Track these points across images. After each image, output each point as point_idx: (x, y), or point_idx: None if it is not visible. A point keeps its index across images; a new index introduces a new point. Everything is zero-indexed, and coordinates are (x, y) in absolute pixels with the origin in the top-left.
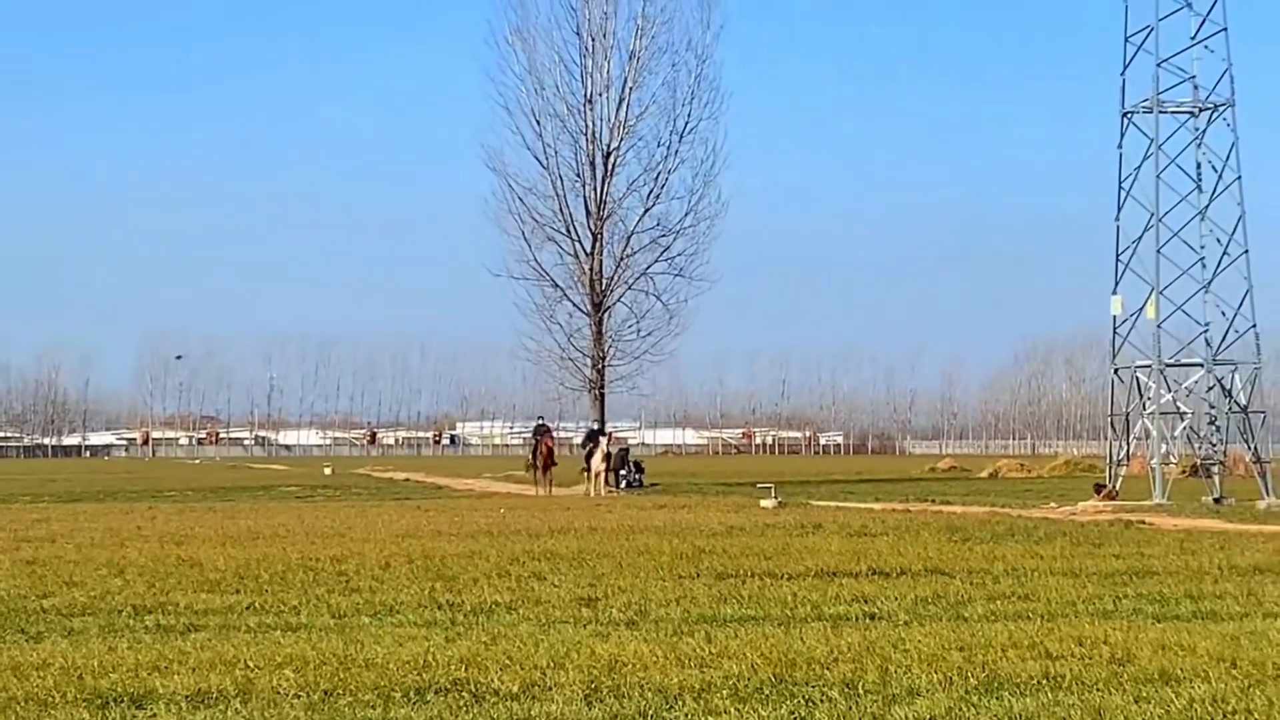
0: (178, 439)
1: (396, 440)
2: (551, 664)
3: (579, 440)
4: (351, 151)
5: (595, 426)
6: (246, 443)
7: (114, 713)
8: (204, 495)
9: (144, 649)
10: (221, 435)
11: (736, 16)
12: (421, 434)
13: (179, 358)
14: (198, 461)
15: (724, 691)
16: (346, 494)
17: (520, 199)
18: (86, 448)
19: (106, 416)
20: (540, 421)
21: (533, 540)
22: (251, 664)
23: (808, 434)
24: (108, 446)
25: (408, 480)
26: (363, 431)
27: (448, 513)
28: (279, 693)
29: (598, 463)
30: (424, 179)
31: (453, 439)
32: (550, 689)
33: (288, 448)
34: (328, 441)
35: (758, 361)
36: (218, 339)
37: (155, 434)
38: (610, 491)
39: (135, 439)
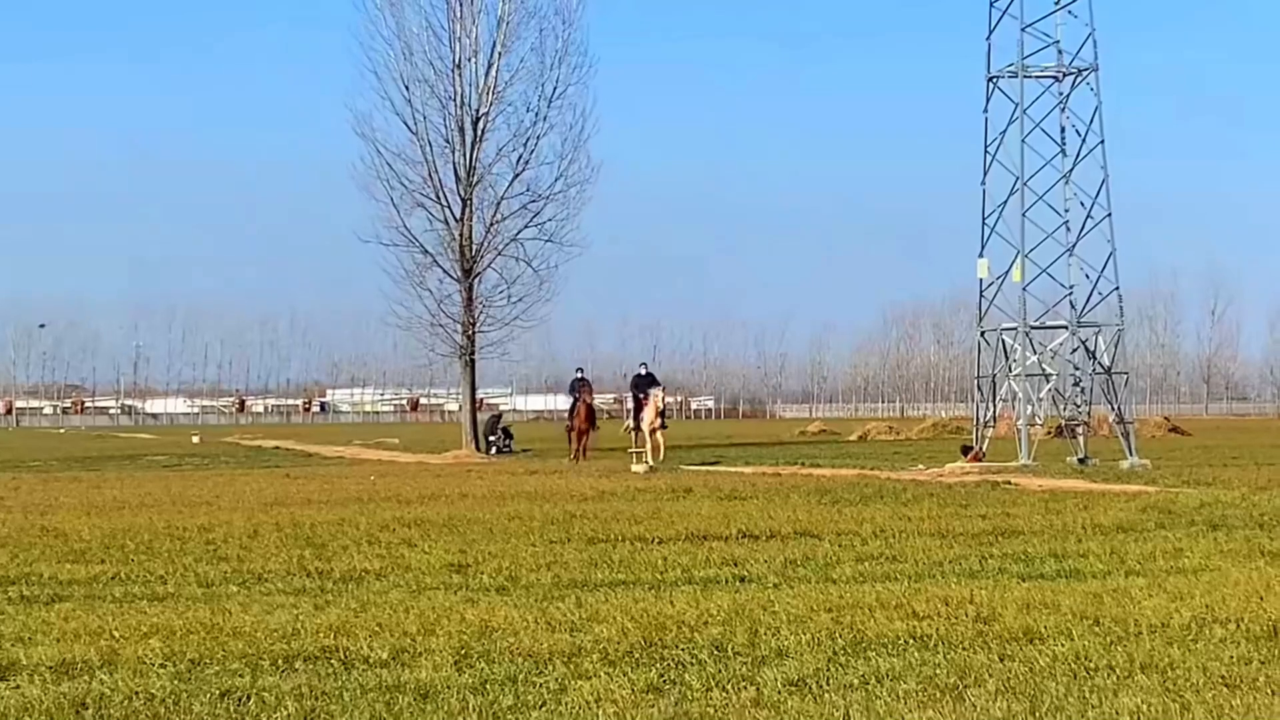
0: (42, 408)
1: (266, 408)
2: (421, 630)
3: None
4: (218, 117)
5: (580, 375)
6: (112, 411)
7: None
8: (69, 465)
9: (7, 620)
10: (87, 404)
11: None
12: (291, 401)
13: (42, 326)
14: (63, 431)
15: (594, 655)
16: (214, 462)
17: (389, 165)
18: None
19: None
20: (580, 374)
21: (403, 507)
22: (117, 634)
23: (679, 399)
24: None
25: (277, 448)
26: (231, 399)
27: (317, 480)
28: (145, 662)
29: (650, 418)
30: (292, 144)
31: (323, 406)
32: (420, 655)
33: (155, 416)
34: (195, 410)
35: (629, 327)
36: (82, 307)
37: (19, 403)
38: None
39: None
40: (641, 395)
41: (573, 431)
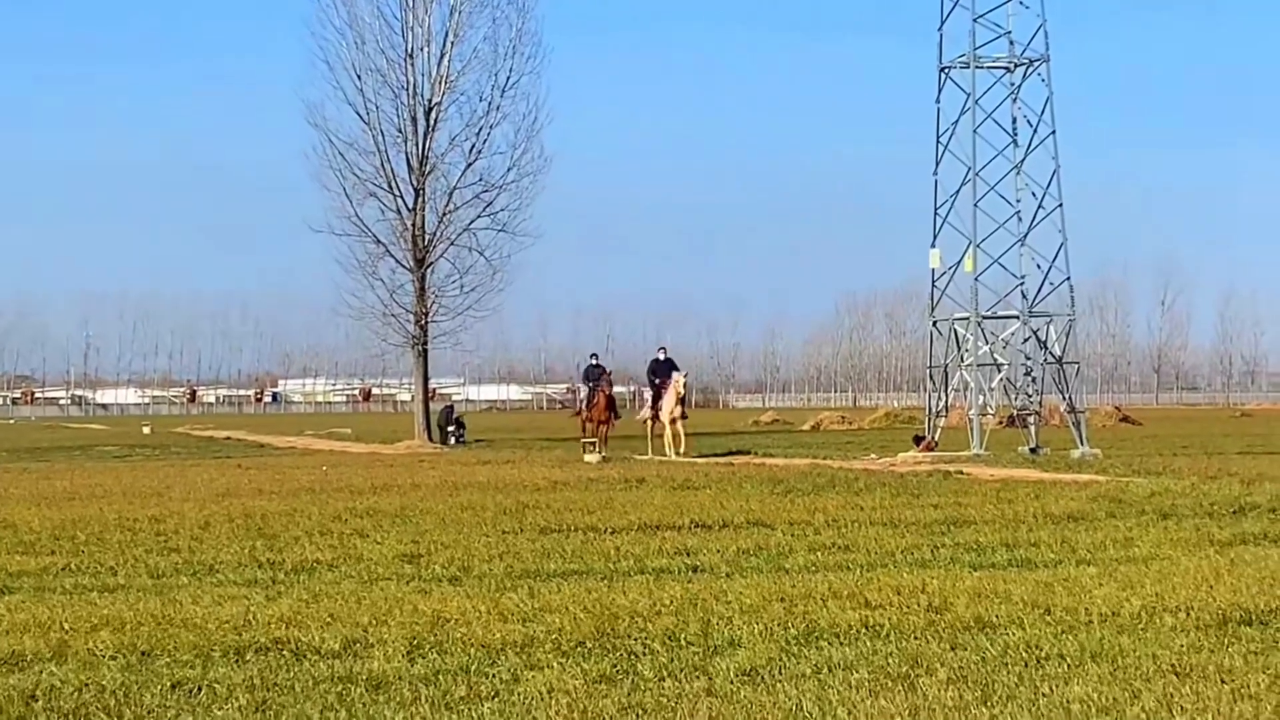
0: None
1: (217, 398)
2: (374, 621)
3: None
4: (169, 107)
5: (596, 362)
6: (63, 402)
7: None
8: (18, 455)
9: None
10: (37, 395)
11: None
12: (243, 392)
13: None
14: (12, 421)
15: (547, 646)
16: (166, 453)
17: (341, 154)
18: None
19: None
20: (594, 361)
21: (355, 498)
22: (67, 626)
23: (632, 390)
24: None
25: (228, 438)
26: (182, 390)
27: (269, 471)
28: (95, 654)
29: (670, 408)
30: (244, 134)
31: (275, 396)
32: (372, 646)
33: (105, 407)
34: (146, 400)
35: (582, 317)
36: (32, 298)
37: None
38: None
39: None
40: (659, 381)
41: (588, 422)
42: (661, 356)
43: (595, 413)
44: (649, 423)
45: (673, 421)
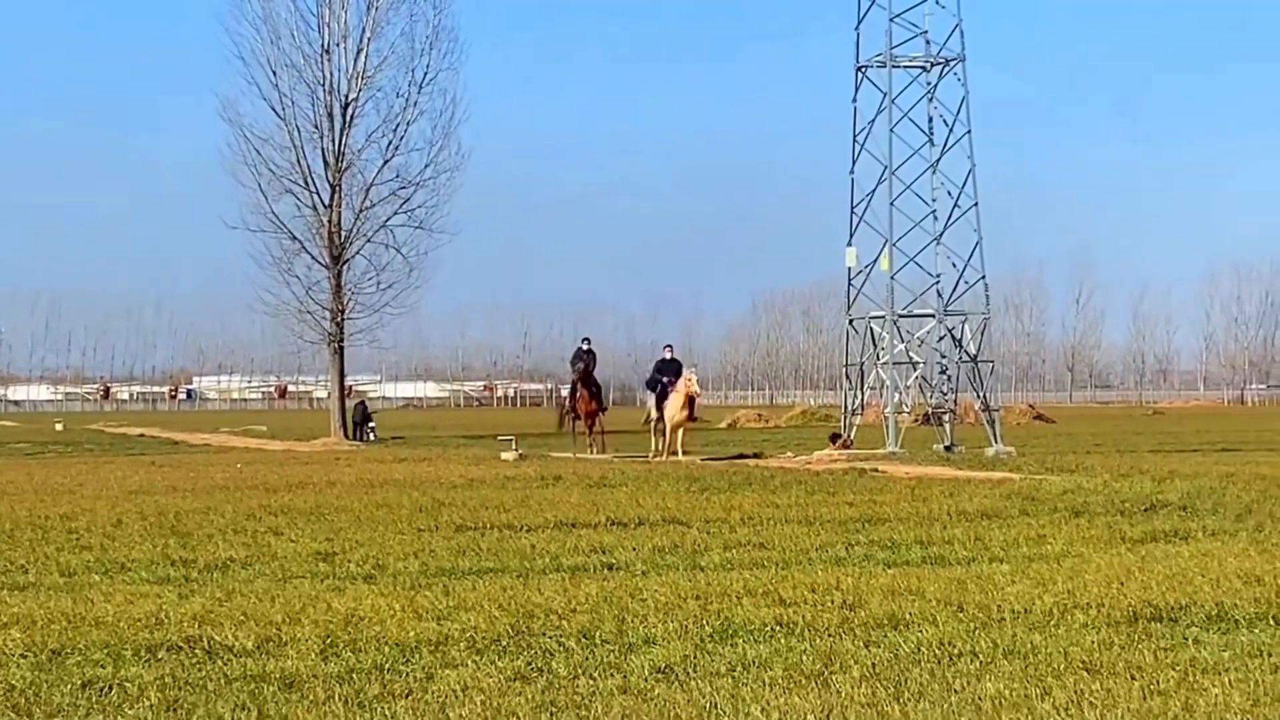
0: None
1: (131, 395)
2: (287, 619)
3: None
4: (81, 99)
5: (586, 345)
6: None
7: None
8: None
9: None
10: None
11: None
12: (157, 389)
13: None
14: None
15: (461, 644)
16: (78, 450)
17: (256, 150)
18: None
19: None
20: (586, 346)
21: (270, 495)
22: None
23: (549, 386)
24: None
25: (142, 436)
26: (96, 386)
27: (183, 468)
28: (4, 653)
29: (675, 411)
30: (157, 128)
31: (189, 394)
32: (286, 644)
33: (17, 403)
34: (59, 397)
35: (499, 314)
36: None
37: None
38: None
39: None
40: (667, 381)
41: (572, 415)
42: (668, 355)
43: (582, 404)
44: (652, 424)
45: (675, 426)
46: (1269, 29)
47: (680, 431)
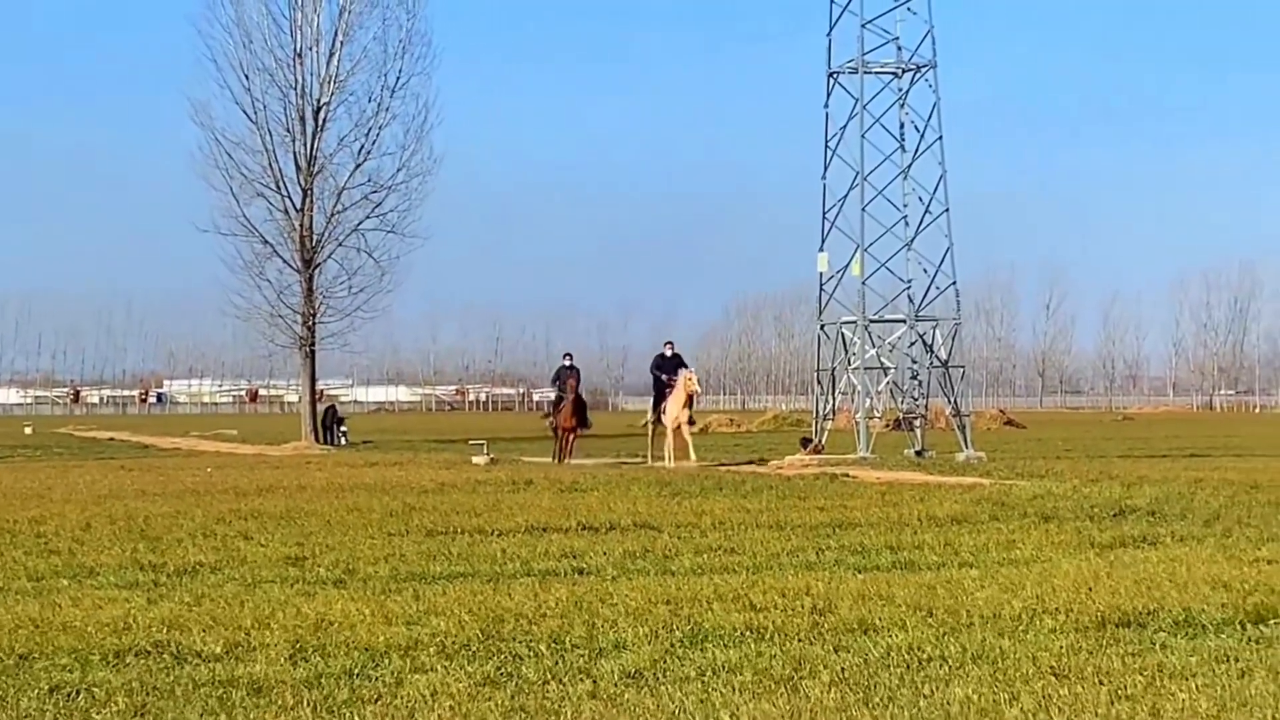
0: None
1: (101, 399)
2: (256, 624)
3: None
4: (54, 102)
5: (568, 361)
6: None
7: None
8: None
9: None
10: None
11: None
12: (127, 392)
13: None
14: None
15: (431, 649)
16: (47, 454)
17: (228, 154)
18: None
19: None
20: (567, 362)
21: (240, 499)
22: None
23: (521, 391)
24: None
25: (112, 439)
26: (66, 390)
27: (153, 472)
28: None
29: (676, 412)
30: (129, 131)
31: (159, 397)
32: (254, 649)
33: None
34: (29, 400)
35: (471, 318)
36: None
37: None
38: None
39: None
40: (666, 379)
41: (558, 429)
42: (668, 353)
43: (562, 418)
44: (651, 426)
45: (677, 428)
46: (1240, 34)
47: (684, 433)
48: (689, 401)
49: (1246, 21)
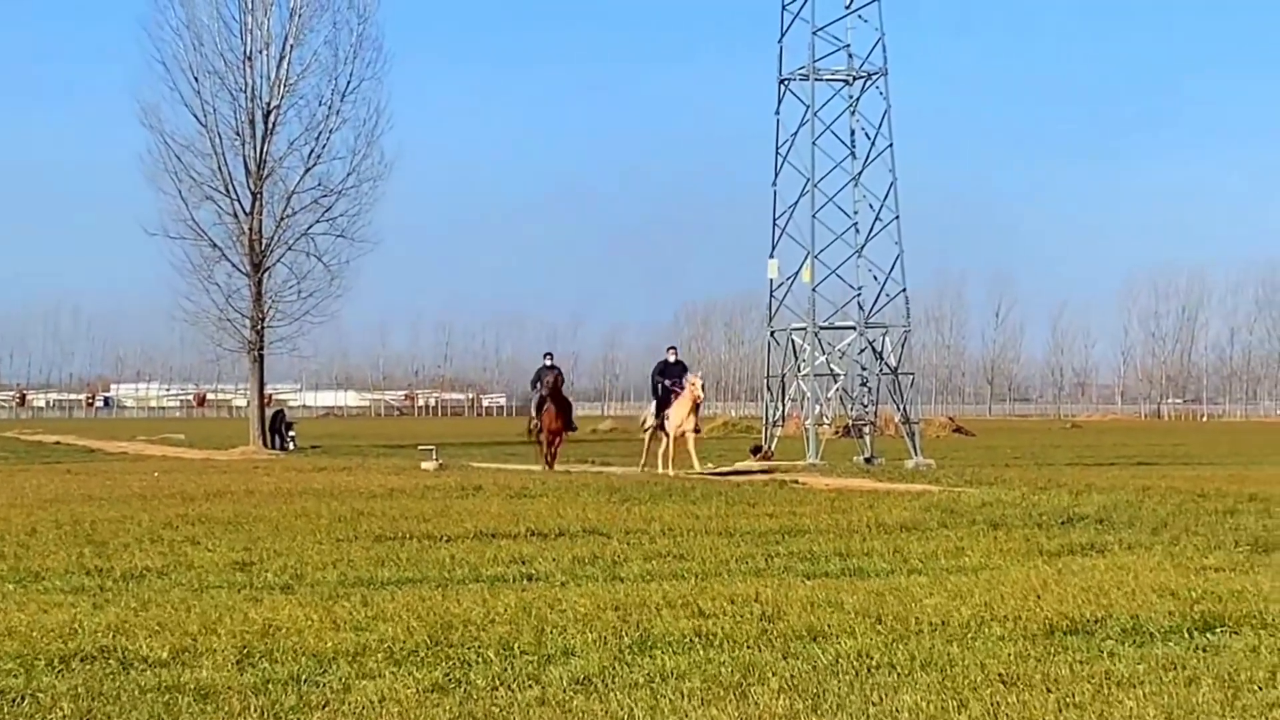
0: None
1: (48, 402)
2: (203, 630)
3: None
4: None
5: (549, 361)
6: None
7: None
8: None
9: None
10: None
11: None
12: (74, 396)
13: None
14: None
15: (379, 655)
16: None
17: (177, 157)
18: None
19: None
20: (548, 362)
21: (187, 504)
22: None
23: (471, 396)
24: None
25: (58, 443)
26: (12, 393)
27: (99, 476)
28: None
29: (681, 418)
30: (77, 133)
31: (107, 401)
32: (201, 655)
33: None
34: None
35: (420, 324)
36: None
37: None
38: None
39: None
40: (670, 384)
41: (541, 434)
42: (672, 358)
43: (546, 420)
44: (649, 432)
45: (680, 436)
46: (1194, 41)
47: (688, 440)
48: (695, 408)
49: (1196, 30)
